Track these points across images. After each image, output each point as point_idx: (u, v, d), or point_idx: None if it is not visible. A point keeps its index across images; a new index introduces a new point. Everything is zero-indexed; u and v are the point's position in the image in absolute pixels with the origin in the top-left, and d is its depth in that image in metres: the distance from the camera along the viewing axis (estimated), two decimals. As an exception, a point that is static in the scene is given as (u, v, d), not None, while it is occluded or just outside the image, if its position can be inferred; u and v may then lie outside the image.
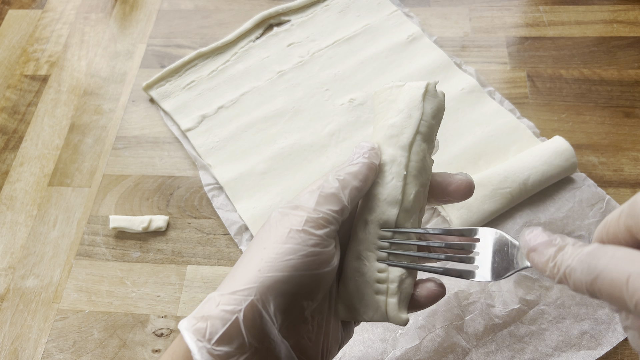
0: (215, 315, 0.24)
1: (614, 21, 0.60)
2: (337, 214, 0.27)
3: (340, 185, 0.28)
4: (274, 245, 0.26)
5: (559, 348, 0.41)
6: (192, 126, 0.56)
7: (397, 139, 0.30)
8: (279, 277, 0.25)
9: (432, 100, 0.30)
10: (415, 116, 0.29)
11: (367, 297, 0.29)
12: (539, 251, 0.24)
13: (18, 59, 0.65)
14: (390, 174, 0.29)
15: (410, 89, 0.30)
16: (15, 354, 0.45)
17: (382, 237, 0.29)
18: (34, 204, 0.53)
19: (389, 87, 0.31)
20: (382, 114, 0.31)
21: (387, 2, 0.63)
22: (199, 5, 0.67)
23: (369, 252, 0.29)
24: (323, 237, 0.26)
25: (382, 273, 0.29)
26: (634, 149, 0.51)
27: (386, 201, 0.29)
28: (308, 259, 0.26)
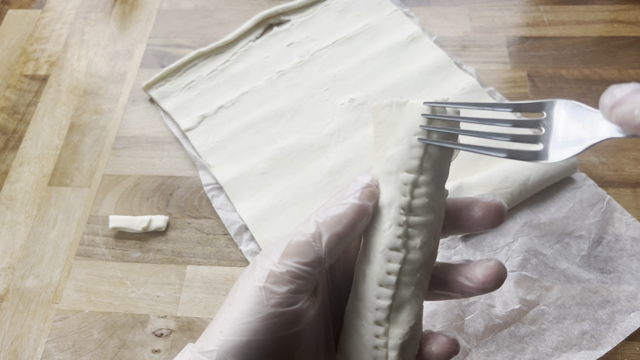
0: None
1: (614, 21, 0.60)
2: (309, 266, 0.23)
3: (317, 232, 0.24)
4: (237, 303, 0.23)
5: (559, 348, 0.41)
6: (192, 126, 0.56)
7: (395, 176, 0.24)
8: (237, 342, 0.22)
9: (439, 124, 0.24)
10: (418, 148, 0.24)
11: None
12: (626, 102, 0.19)
13: (18, 58, 0.65)
14: (388, 220, 0.24)
15: (412, 109, 0.24)
16: (14, 354, 0.45)
17: (421, 125, 0.23)
18: (34, 204, 0.53)
19: (388, 103, 0.25)
20: (381, 139, 0.25)
21: (387, 1, 0.63)
22: (198, 5, 0.67)
23: (367, 311, 0.25)
24: (287, 294, 0.23)
25: (380, 339, 0.25)
26: (635, 148, 0.51)
27: (384, 253, 0.24)
28: (268, 321, 0.23)
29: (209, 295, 0.47)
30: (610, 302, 0.43)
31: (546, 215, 0.47)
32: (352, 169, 0.52)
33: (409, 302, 0.25)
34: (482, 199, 0.25)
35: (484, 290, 0.25)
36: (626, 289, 0.43)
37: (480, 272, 0.25)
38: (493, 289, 0.25)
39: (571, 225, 0.47)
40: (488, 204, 0.25)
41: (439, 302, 0.43)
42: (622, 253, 0.45)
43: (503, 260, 0.45)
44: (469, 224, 0.26)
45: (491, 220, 0.25)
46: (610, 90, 0.20)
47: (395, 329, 0.25)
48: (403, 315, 0.25)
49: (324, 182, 0.51)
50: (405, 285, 0.25)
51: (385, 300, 0.25)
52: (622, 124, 0.20)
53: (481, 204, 0.25)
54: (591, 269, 0.45)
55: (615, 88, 0.20)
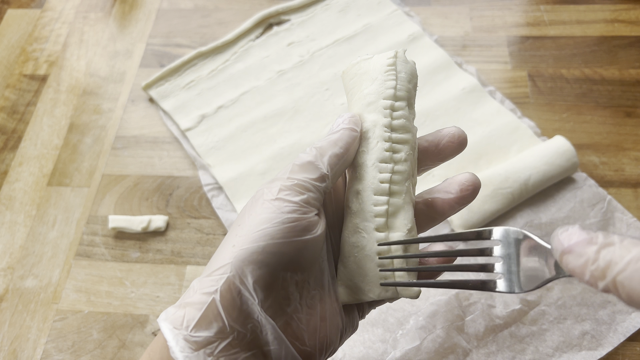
0: (194, 301, 0.23)
1: (615, 20, 0.60)
2: (316, 181, 0.25)
3: (318, 153, 0.26)
4: (247, 219, 0.24)
5: (559, 349, 0.41)
6: (192, 126, 0.56)
7: (376, 104, 0.28)
8: (254, 247, 0.23)
9: (403, 65, 0.29)
10: (391, 80, 0.28)
11: (371, 272, 0.27)
12: (575, 252, 0.20)
13: (17, 58, 0.65)
14: (375, 139, 0.28)
15: (379, 58, 0.29)
16: (14, 355, 0.45)
17: (380, 241, 0.27)
18: (33, 204, 0.53)
19: (356, 62, 0.30)
20: (356, 88, 0.30)
21: (388, 1, 0.63)
22: (198, 4, 0.67)
23: (366, 222, 0.27)
24: (300, 203, 0.24)
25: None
26: (635, 148, 0.51)
27: (375, 166, 0.27)
28: (284, 225, 0.24)
29: (209, 296, 0.46)
30: (611, 303, 0.43)
31: (547, 215, 0.47)
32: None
33: (402, 208, 0.27)
34: (446, 128, 0.29)
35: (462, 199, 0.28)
36: (627, 289, 0.43)
37: (457, 185, 0.28)
38: (470, 198, 0.28)
39: (572, 225, 0.47)
40: (451, 132, 0.29)
41: (439, 302, 0.43)
42: (622, 253, 0.45)
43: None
44: (437, 150, 0.29)
45: (455, 145, 0.29)
46: (558, 236, 0.21)
47: (395, 233, 0.27)
48: (399, 220, 0.27)
49: (324, 182, 0.51)
50: (397, 194, 0.27)
51: (383, 206, 0.27)
52: (572, 274, 0.21)
53: (446, 133, 0.29)
54: (592, 269, 0.44)
55: (562, 234, 0.21)
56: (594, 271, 0.19)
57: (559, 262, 0.22)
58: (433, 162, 0.30)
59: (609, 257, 0.19)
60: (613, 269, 0.18)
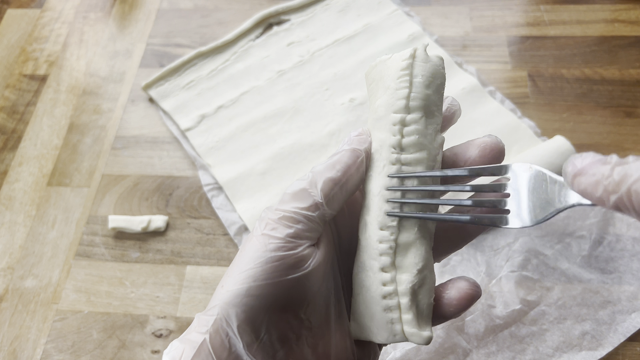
0: (191, 338, 0.23)
1: (615, 20, 0.60)
2: (307, 210, 0.23)
3: (312, 179, 0.24)
4: (238, 256, 0.24)
5: (560, 349, 0.41)
6: (192, 126, 0.56)
7: (385, 120, 0.24)
8: (237, 290, 0.22)
9: (422, 66, 0.25)
10: (403, 89, 0.24)
11: (378, 315, 0.24)
12: (588, 173, 0.20)
13: (17, 58, 0.65)
14: (381, 162, 0.24)
15: (395, 60, 0.25)
16: (14, 355, 0.45)
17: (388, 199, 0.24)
18: (33, 204, 0.53)
19: (375, 64, 0.26)
20: (372, 97, 0.26)
21: (388, 1, 0.63)
22: (198, 4, 0.67)
23: (371, 260, 0.24)
24: (286, 239, 0.23)
25: (388, 286, 0.24)
26: (635, 148, 0.51)
27: (381, 195, 0.24)
28: (268, 265, 0.23)
29: (209, 296, 0.46)
30: (611, 303, 0.43)
31: (547, 216, 0.47)
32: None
33: (413, 244, 0.24)
34: (478, 139, 0.25)
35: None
36: (627, 290, 0.43)
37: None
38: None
39: (572, 225, 0.47)
40: (484, 142, 0.25)
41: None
42: (623, 253, 0.45)
43: (504, 261, 0.45)
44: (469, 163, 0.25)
45: (488, 158, 0.25)
46: (572, 160, 0.21)
47: (402, 274, 0.24)
48: (409, 259, 0.24)
49: (324, 182, 0.51)
50: (408, 228, 0.24)
51: (388, 244, 0.24)
52: (584, 194, 0.20)
53: (477, 143, 0.25)
54: (592, 269, 0.44)
55: (576, 158, 0.21)
56: (607, 185, 0.19)
57: (571, 185, 0.21)
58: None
59: (624, 172, 0.18)
60: (628, 180, 0.18)
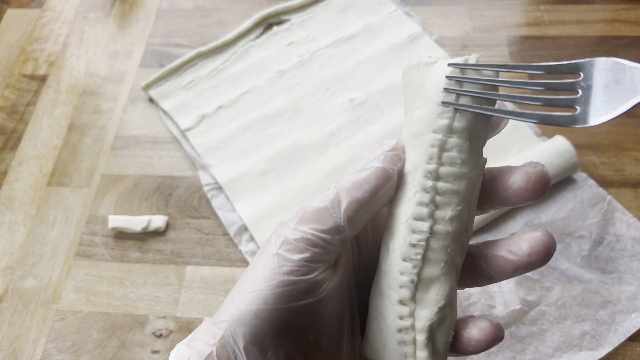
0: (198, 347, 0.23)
1: (615, 20, 0.60)
2: (326, 233, 0.22)
3: (336, 198, 0.22)
4: (250, 272, 0.23)
5: (560, 349, 0.41)
6: (192, 126, 0.56)
7: (422, 138, 0.22)
8: (246, 311, 0.22)
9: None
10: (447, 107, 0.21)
11: (391, 345, 0.23)
12: None
13: (17, 58, 0.65)
14: (413, 187, 0.22)
15: (442, 67, 0.22)
16: (14, 355, 0.45)
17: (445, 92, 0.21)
18: (33, 204, 0.53)
19: (415, 64, 0.23)
20: (409, 103, 0.23)
21: (388, 1, 0.63)
22: (198, 4, 0.67)
23: (390, 289, 0.23)
24: (300, 262, 0.22)
25: (404, 320, 0.22)
26: (635, 148, 0.51)
27: (408, 224, 0.22)
28: (279, 289, 0.21)
29: (209, 296, 0.46)
30: (611, 303, 0.43)
31: (547, 215, 0.47)
32: (353, 168, 0.52)
33: (437, 280, 0.22)
34: (521, 166, 0.22)
35: (530, 264, 0.22)
36: (627, 290, 0.43)
37: (526, 244, 0.22)
38: (541, 263, 0.22)
39: (572, 226, 0.47)
40: (528, 172, 0.22)
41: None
42: (623, 253, 0.45)
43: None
44: (506, 195, 0.23)
45: (531, 192, 0.22)
46: None
47: (422, 310, 0.22)
48: (431, 295, 0.22)
49: (324, 182, 0.51)
50: (433, 262, 0.22)
51: (409, 277, 0.22)
52: None
53: (520, 172, 0.22)
54: (592, 269, 0.44)
55: None
56: None
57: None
58: (499, 206, 0.24)
59: None
60: None
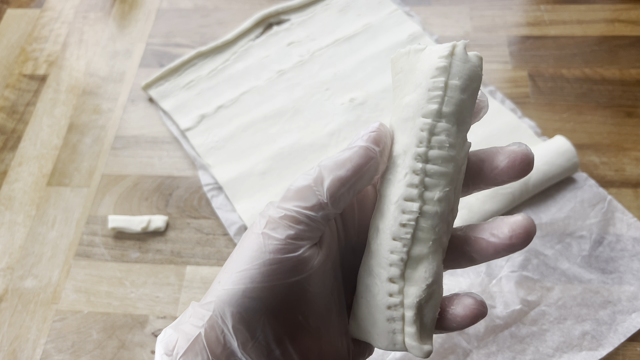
0: (185, 329, 0.23)
1: (615, 20, 0.60)
2: (310, 210, 0.22)
3: (319, 176, 0.22)
4: (237, 253, 0.23)
5: (560, 349, 0.41)
6: (192, 126, 0.56)
7: (412, 122, 0.23)
8: (234, 290, 0.22)
9: (460, 67, 0.22)
10: (438, 91, 0.22)
11: (380, 322, 0.24)
12: None
13: (17, 58, 0.65)
14: (403, 169, 0.23)
15: (431, 55, 0.23)
16: (13, 355, 0.45)
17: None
18: (33, 204, 0.53)
19: (405, 51, 0.24)
20: (399, 89, 0.24)
21: (388, 1, 0.63)
22: (198, 4, 0.67)
23: (380, 268, 0.23)
24: (286, 240, 0.22)
25: (394, 297, 0.23)
26: (636, 148, 0.51)
27: (398, 204, 0.23)
28: (266, 268, 0.22)
29: (209, 296, 0.46)
30: (612, 303, 0.43)
31: (547, 216, 0.47)
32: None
33: (426, 258, 0.23)
34: (507, 147, 0.23)
35: (511, 247, 0.23)
36: (627, 290, 0.43)
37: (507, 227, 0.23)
38: (521, 246, 0.23)
39: (572, 226, 0.46)
40: (514, 151, 0.23)
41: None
42: (623, 253, 0.45)
43: (503, 261, 0.45)
44: (493, 175, 0.24)
45: (517, 169, 0.23)
46: None
47: (410, 287, 0.23)
48: (419, 272, 0.23)
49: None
50: (422, 241, 0.23)
51: (399, 255, 0.23)
52: None
53: (506, 152, 0.23)
54: (592, 270, 0.44)
55: None
56: None
57: None
58: (486, 187, 0.25)
59: None
60: None
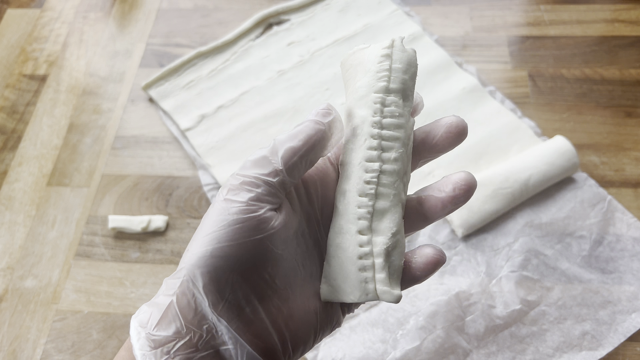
0: (159, 301, 0.24)
1: (615, 20, 0.60)
2: (267, 176, 0.25)
3: (274, 147, 0.26)
4: (203, 222, 0.25)
5: (560, 349, 0.41)
6: (192, 126, 0.56)
7: (366, 98, 0.27)
8: (202, 252, 0.24)
9: (400, 55, 0.28)
10: (384, 72, 0.27)
11: (352, 275, 0.26)
12: None
13: (17, 58, 0.65)
14: (362, 136, 0.27)
15: (374, 48, 0.28)
16: (14, 355, 0.45)
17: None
18: (33, 204, 0.53)
19: (352, 52, 0.29)
20: (351, 80, 0.29)
21: (388, 1, 0.63)
22: (198, 4, 0.67)
23: (350, 224, 0.26)
24: (247, 202, 0.24)
25: (364, 247, 0.26)
26: (636, 148, 0.51)
27: (361, 165, 0.27)
28: (230, 228, 0.24)
29: (209, 296, 0.46)
30: (611, 303, 0.43)
31: (547, 215, 0.47)
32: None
33: (389, 211, 0.26)
34: (444, 118, 0.28)
35: (455, 199, 0.27)
36: (627, 290, 0.43)
37: (451, 183, 0.27)
38: (464, 198, 0.27)
39: (572, 225, 0.46)
40: (449, 122, 0.27)
41: (439, 302, 0.43)
42: (623, 253, 0.45)
43: (504, 261, 0.45)
44: (434, 143, 0.28)
45: (453, 137, 0.27)
46: None
47: (378, 237, 0.26)
48: (385, 223, 0.26)
49: (324, 182, 0.51)
50: (385, 196, 0.26)
51: (366, 209, 0.26)
52: None
53: (443, 123, 0.27)
54: (592, 269, 0.44)
55: None
56: None
57: None
58: (430, 155, 0.29)
59: None
60: None
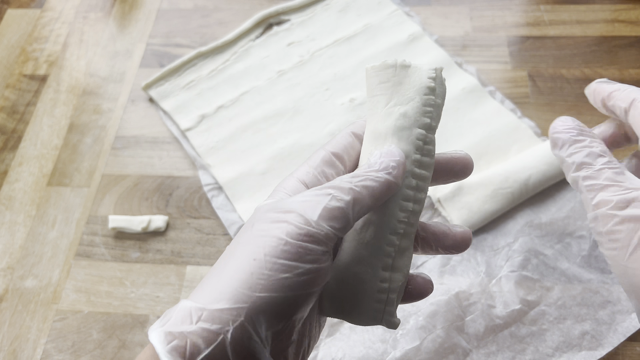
0: (196, 332, 0.22)
1: (615, 21, 0.60)
2: (339, 232, 0.24)
3: (352, 200, 0.24)
4: (266, 258, 0.23)
5: (560, 349, 0.41)
6: (192, 126, 0.56)
7: (409, 131, 0.26)
8: (274, 298, 0.22)
9: (441, 88, 0.28)
10: (429, 107, 0.27)
11: (365, 304, 0.27)
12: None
13: (17, 58, 0.65)
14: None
15: (419, 73, 0.27)
16: (14, 355, 0.45)
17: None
18: (33, 204, 0.53)
19: (392, 64, 0.28)
20: (384, 97, 0.28)
21: (388, 1, 0.63)
22: (198, 4, 0.67)
23: (374, 259, 0.26)
24: (320, 255, 0.24)
25: (385, 283, 0.26)
26: (635, 148, 0.51)
27: (397, 203, 0.26)
28: (304, 277, 0.23)
29: (209, 296, 0.46)
30: (611, 303, 0.43)
31: (547, 215, 0.47)
32: (352, 168, 0.52)
33: (407, 249, 0.27)
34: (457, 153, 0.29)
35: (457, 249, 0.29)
36: (627, 289, 0.43)
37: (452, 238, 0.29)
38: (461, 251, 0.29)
39: (572, 225, 0.47)
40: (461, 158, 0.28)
41: (439, 302, 0.43)
42: (623, 253, 0.45)
43: (504, 261, 0.45)
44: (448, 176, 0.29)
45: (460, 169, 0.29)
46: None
47: (396, 274, 0.27)
48: (403, 261, 0.27)
49: (324, 182, 0.51)
50: (408, 235, 0.27)
51: (393, 248, 0.26)
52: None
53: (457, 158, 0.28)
54: (592, 269, 0.44)
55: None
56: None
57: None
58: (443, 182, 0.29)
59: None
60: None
